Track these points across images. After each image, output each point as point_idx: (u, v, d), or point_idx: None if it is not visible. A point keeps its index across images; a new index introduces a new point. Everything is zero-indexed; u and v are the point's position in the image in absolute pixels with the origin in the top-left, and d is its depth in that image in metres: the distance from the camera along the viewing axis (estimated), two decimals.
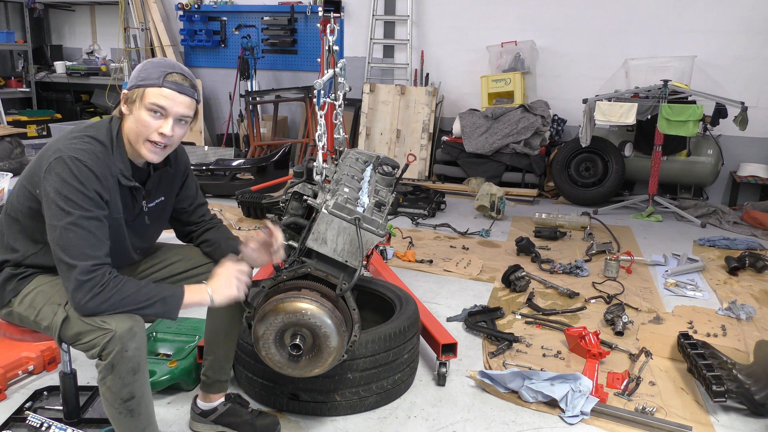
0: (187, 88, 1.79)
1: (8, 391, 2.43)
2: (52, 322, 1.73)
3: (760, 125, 5.90)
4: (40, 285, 1.80)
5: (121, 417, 1.72)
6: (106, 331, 1.64)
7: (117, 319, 1.66)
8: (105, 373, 1.66)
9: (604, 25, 6.33)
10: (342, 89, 2.60)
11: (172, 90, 1.75)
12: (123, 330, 1.64)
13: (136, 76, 1.78)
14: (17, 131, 6.77)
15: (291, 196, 2.24)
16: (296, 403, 2.29)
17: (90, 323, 1.66)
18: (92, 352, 1.66)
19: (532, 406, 2.41)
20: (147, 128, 1.76)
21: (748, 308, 3.33)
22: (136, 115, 1.76)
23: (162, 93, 1.75)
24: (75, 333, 1.69)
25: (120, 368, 1.65)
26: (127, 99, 1.79)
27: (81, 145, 1.70)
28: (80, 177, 1.65)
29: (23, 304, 1.80)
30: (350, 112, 7.10)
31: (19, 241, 1.81)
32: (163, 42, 7.77)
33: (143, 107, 1.75)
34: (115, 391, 1.67)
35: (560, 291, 3.61)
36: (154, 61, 1.80)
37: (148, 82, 1.75)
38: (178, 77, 1.78)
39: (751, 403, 2.37)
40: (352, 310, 2.02)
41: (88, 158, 1.68)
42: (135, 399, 1.70)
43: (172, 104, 1.76)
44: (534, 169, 6.18)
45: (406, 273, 3.88)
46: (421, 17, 7.01)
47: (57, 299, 1.75)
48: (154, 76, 1.75)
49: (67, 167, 1.65)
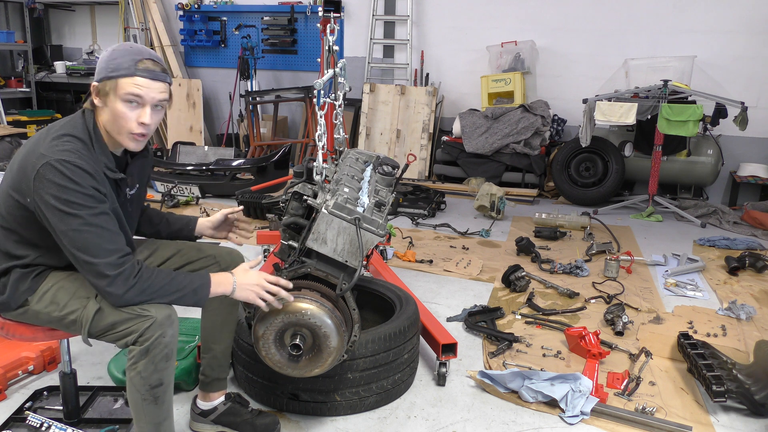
0: (160, 73, 1.74)
1: (8, 391, 2.43)
2: (82, 314, 1.72)
3: (760, 125, 5.90)
4: (59, 281, 1.79)
5: (146, 404, 1.72)
6: (146, 318, 1.66)
7: (156, 307, 1.69)
8: (138, 357, 1.67)
9: (604, 25, 6.33)
10: (342, 89, 2.60)
11: (145, 78, 1.71)
12: (162, 317, 1.67)
13: (105, 67, 1.71)
14: (17, 131, 6.77)
15: (291, 196, 2.24)
16: (296, 403, 2.29)
17: (128, 312, 1.68)
18: (127, 339, 1.67)
19: (532, 406, 2.41)
20: (126, 120, 1.73)
21: (748, 308, 3.33)
22: (112, 108, 1.72)
23: (135, 82, 1.70)
24: (109, 323, 1.70)
25: (155, 353, 1.67)
26: (99, 91, 1.73)
27: (64, 146, 1.66)
28: (74, 178, 1.62)
29: (43, 301, 1.78)
30: (350, 112, 7.11)
31: (20, 249, 1.79)
32: (163, 42, 7.77)
33: (118, 99, 1.71)
34: (145, 375, 1.68)
35: (560, 291, 3.61)
36: (121, 49, 1.73)
37: (120, 73, 1.69)
38: (149, 63, 1.72)
39: (751, 403, 2.37)
40: (352, 310, 2.02)
41: (75, 157, 1.65)
42: (162, 386, 1.72)
43: (147, 92, 1.72)
44: (534, 169, 6.18)
45: (406, 273, 3.88)
46: (421, 17, 7.01)
47: (83, 293, 1.76)
48: (125, 66, 1.69)
49: (58, 171, 1.61)
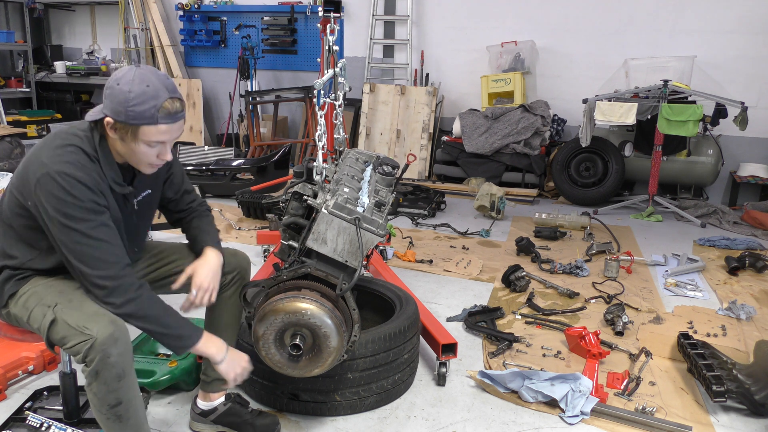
0: (180, 112, 1.73)
1: (8, 391, 2.43)
2: (42, 324, 1.72)
3: (760, 125, 5.90)
4: (35, 287, 1.80)
5: (110, 422, 1.71)
6: (87, 338, 1.61)
7: (99, 324, 1.63)
8: (90, 379, 1.64)
9: (604, 25, 6.33)
10: (342, 89, 2.61)
11: (168, 123, 1.70)
12: (104, 336, 1.61)
13: (123, 112, 1.65)
14: (17, 131, 6.75)
15: (291, 196, 2.24)
16: (296, 403, 2.29)
17: (74, 327, 1.64)
18: (77, 357, 1.65)
19: (532, 406, 2.41)
20: (147, 156, 1.74)
21: (748, 308, 3.33)
22: (131, 146, 1.71)
23: (159, 130, 1.69)
24: (61, 337, 1.68)
25: (104, 375, 1.62)
26: (116, 129, 1.70)
27: (67, 157, 1.66)
28: (73, 191, 1.63)
29: (18, 305, 1.80)
30: (350, 112, 7.10)
31: (15, 248, 1.80)
32: (163, 42, 7.77)
33: (140, 142, 1.70)
34: (101, 397, 1.66)
35: (560, 291, 3.61)
36: (139, 91, 1.66)
37: (141, 122, 1.67)
38: (169, 105, 1.69)
39: (751, 403, 2.37)
40: (352, 310, 2.02)
41: (75, 170, 1.64)
42: (122, 404, 1.68)
43: (169, 135, 1.73)
44: (534, 169, 6.18)
45: (406, 273, 3.88)
46: (421, 17, 7.01)
47: (48, 301, 1.74)
48: (147, 115, 1.66)
49: (57, 184, 1.62)
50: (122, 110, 1.66)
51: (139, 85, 1.67)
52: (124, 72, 1.70)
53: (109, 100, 1.69)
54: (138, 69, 1.71)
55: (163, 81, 1.71)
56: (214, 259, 2.00)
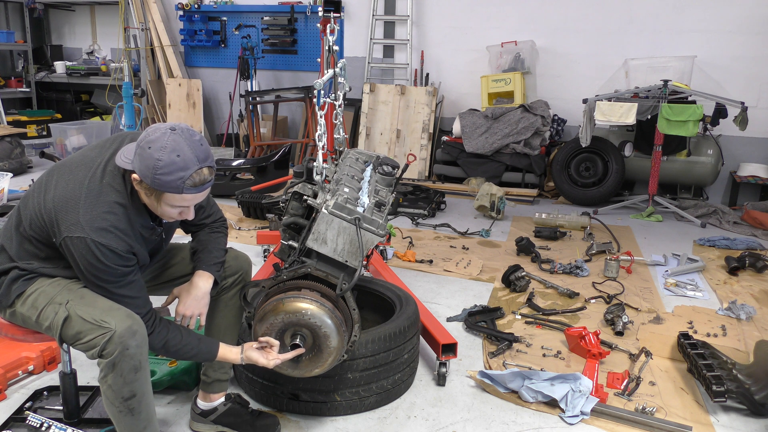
0: (208, 181, 1.70)
1: (8, 391, 2.43)
2: (54, 321, 1.73)
3: (760, 125, 5.90)
4: (42, 286, 1.80)
5: (122, 415, 1.73)
6: (106, 330, 1.65)
7: (117, 318, 1.67)
8: (106, 371, 1.66)
9: (604, 25, 6.33)
10: (342, 89, 2.61)
11: (193, 192, 1.68)
12: (123, 328, 1.65)
13: (151, 177, 1.62)
14: (17, 131, 6.76)
15: (291, 196, 2.24)
16: (296, 403, 2.29)
17: (90, 321, 1.67)
18: (92, 351, 1.67)
19: (532, 406, 2.41)
20: (168, 214, 1.76)
21: (748, 308, 3.33)
22: (154, 204, 1.72)
23: (183, 198, 1.69)
24: (75, 332, 1.70)
25: (121, 366, 1.66)
26: (141, 185, 1.69)
27: (104, 221, 1.66)
28: (106, 261, 1.67)
29: (26, 304, 1.80)
30: (350, 112, 7.10)
31: (33, 263, 1.81)
32: (163, 42, 7.77)
33: (163, 204, 1.71)
34: (116, 389, 1.68)
35: (560, 291, 3.61)
36: (168, 161, 1.60)
37: (167, 190, 1.65)
38: (197, 176, 1.65)
39: (751, 403, 2.37)
40: (352, 310, 2.02)
41: (110, 240, 1.66)
42: (136, 397, 1.71)
43: (193, 201, 1.73)
44: (534, 169, 6.18)
45: (406, 273, 3.88)
46: (421, 17, 7.01)
47: (59, 299, 1.76)
48: (173, 185, 1.63)
49: (91, 252, 1.65)
50: (149, 175, 1.63)
51: (170, 154, 1.61)
52: (158, 135, 1.63)
53: (139, 160, 1.64)
54: (172, 134, 1.63)
55: (196, 150, 1.65)
56: (202, 286, 1.99)
